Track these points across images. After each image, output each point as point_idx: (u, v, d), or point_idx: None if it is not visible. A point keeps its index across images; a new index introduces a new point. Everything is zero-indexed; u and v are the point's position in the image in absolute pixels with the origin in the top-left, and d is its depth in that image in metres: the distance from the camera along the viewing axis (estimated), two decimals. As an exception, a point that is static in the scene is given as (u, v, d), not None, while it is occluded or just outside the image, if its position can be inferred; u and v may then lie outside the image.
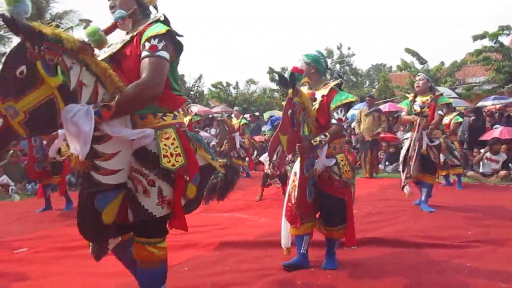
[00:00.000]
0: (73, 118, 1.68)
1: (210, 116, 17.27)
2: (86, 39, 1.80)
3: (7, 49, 18.00)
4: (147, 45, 1.86)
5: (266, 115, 16.19)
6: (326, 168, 3.02)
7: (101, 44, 1.84)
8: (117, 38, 2.07)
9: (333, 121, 3.00)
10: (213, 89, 26.79)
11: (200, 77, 30.30)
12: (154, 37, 1.87)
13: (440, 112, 5.01)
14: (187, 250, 3.67)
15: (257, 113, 15.43)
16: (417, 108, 5.00)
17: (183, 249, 3.70)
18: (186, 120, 6.44)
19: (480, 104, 13.44)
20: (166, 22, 2.03)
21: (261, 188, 6.33)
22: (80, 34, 1.84)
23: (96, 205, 1.90)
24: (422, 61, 19.21)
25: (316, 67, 3.13)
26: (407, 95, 5.68)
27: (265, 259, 3.37)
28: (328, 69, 3.25)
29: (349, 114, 4.27)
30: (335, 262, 3.14)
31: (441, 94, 5.22)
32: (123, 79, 1.90)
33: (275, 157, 2.67)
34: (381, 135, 9.43)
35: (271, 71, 24.07)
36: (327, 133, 2.92)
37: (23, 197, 7.42)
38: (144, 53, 1.86)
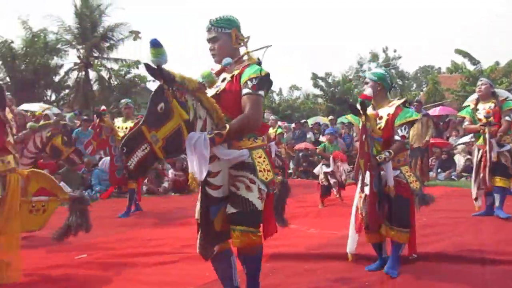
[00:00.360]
0: (195, 144, 2.10)
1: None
2: (201, 80, 2.21)
3: (64, 61, 19.10)
4: (249, 84, 2.29)
5: (310, 121, 16.03)
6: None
7: (212, 84, 2.29)
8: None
9: (397, 137, 3.14)
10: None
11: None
12: (255, 78, 2.29)
13: (507, 118, 4.83)
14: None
15: (302, 120, 15.34)
16: (482, 117, 4.81)
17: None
18: None
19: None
20: (259, 63, 2.43)
21: (321, 199, 6.48)
22: (130, 44, 2.04)
23: (210, 215, 2.35)
24: (474, 62, 18.26)
25: (382, 85, 3.25)
26: (467, 101, 5.46)
27: (317, 272, 3.31)
28: (393, 87, 3.40)
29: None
30: (397, 268, 3.17)
31: (505, 99, 4.98)
32: (222, 110, 2.28)
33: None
34: (431, 141, 9.07)
35: (314, 76, 23.87)
36: (391, 150, 3.07)
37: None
38: (246, 91, 2.28)
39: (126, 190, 6.18)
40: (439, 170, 9.95)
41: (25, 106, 11.69)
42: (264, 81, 2.31)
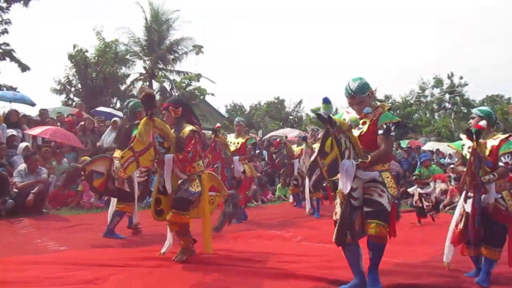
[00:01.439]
0: (346, 168, 3.05)
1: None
2: (349, 123, 3.18)
3: (131, 71, 20.10)
4: (385, 126, 3.26)
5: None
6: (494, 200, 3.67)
7: (357, 125, 3.29)
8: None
9: (501, 164, 3.65)
10: (313, 114, 26.79)
11: (300, 102, 30.44)
12: (391, 123, 3.26)
13: None
14: (291, 280, 3.57)
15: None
16: None
17: (287, 279, 3.61)
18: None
19: None
20: (390, 109, 3.40)
21: (417, 218, 7.23)
22: (193, 57, 2.08)
23: (352, 218, 3.20)
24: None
25: (488, 121, 3.75)
26: None
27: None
28: (496, 123, 3.97)
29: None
30: (488, 279, 3.61)
31: None
32: (362, 144, 3.24)
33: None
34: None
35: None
36: (495, 173, 3.58)
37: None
38: (382, 132, 3.25)
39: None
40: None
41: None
42: (395, 125, 3.28)
